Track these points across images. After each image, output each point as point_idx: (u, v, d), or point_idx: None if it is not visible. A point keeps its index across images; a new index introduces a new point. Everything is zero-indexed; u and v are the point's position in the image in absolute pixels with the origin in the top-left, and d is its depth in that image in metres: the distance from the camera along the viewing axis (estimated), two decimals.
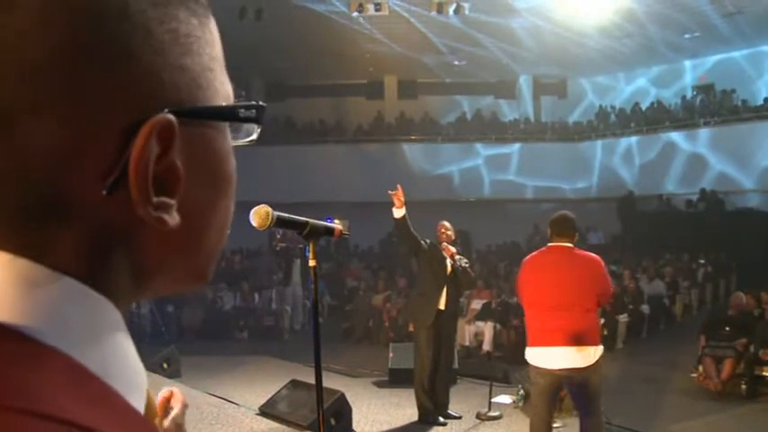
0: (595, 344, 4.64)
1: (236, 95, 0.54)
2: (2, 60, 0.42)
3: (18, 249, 0.43)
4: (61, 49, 0.42)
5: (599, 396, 4.72)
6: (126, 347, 0.48)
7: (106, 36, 0.44)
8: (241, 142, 0.55)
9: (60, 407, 0.39)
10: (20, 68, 0.42)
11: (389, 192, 6.26)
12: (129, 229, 0.46)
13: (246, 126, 0.54)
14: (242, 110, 0.52)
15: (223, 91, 0.52)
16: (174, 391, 1.33)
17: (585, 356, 4.58)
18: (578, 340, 4.56)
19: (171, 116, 0.45)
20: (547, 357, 4.66)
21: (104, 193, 0.44)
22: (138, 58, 0.45)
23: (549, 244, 4.88)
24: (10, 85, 0.42)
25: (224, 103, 0.52)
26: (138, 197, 0.44)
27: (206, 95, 0.50)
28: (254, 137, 0.55)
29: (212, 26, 0.52)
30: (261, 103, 0.53)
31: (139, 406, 0.47)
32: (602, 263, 4.80)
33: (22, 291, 0.43)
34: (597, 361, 4.62)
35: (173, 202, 0.46)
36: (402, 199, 6.24)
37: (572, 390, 4.71)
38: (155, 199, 0.45)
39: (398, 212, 6.32)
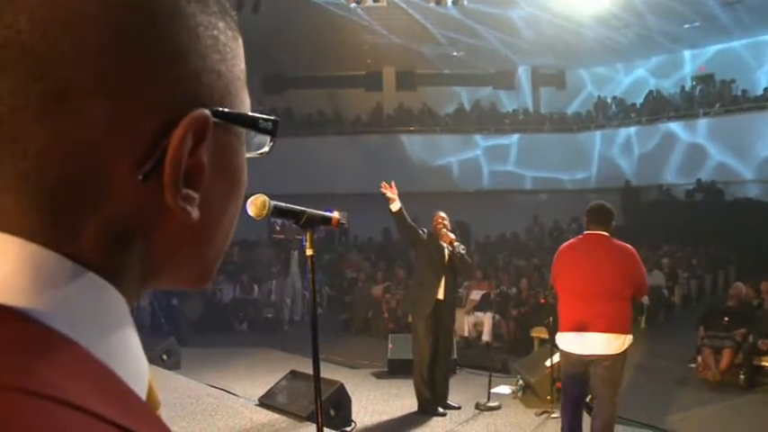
0: (627, 332, 4.71)
1: (252, 110, 0.56)
2: (65, 38, 0.43)
3: (35, 233, 0.44)
4: (120, 37, 0.44)
5: (619, 384, 4.78)
6: (131, 338, 0.49)
7: (159, 33, 0.46)
8: (252, 154, 0.57)
9: (67, 390, 0.39)
10: (81, 49, 0.43)
11: (382, 189, 6.30)
12: (149, 221, 0.47)
13: (258, 140, 0.56)
14: (261, 121, 0.54)
15: (247, 103, 0.55)
16: None
17: (617, 344, 4.65)
18: (612, 328, 4.63)
19: (209, 113, 0.47)
20: (579, 343, 4.71)
21: (140, 178, 0.45)
22: (185, 58, 0.47)
23: (586, 232, 4.93)
24: (68, 62, 0.43)
25: (250, 113, 0.55)
26: (170, 186, 0.46)
27: (234, 103, 0.52)
28: (267, 149, 0.58)
29: (241, 43, 0.55)
30: (276, 118, 0.56)
31: (142, 395, 0.48)
32: (637, 254, 4.85)
33: (32, 277, 0.43)
34: (625, 350, 4.70)
35: (197, 195, 0.48)
36: (395, 192, 6.29)
37: (594, 374, 4.74)
38: (183, 190, 0.47)
39: (395, 206, 6.40)
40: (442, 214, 6.89)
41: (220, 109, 0.49)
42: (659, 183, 19.14)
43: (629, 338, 4.72)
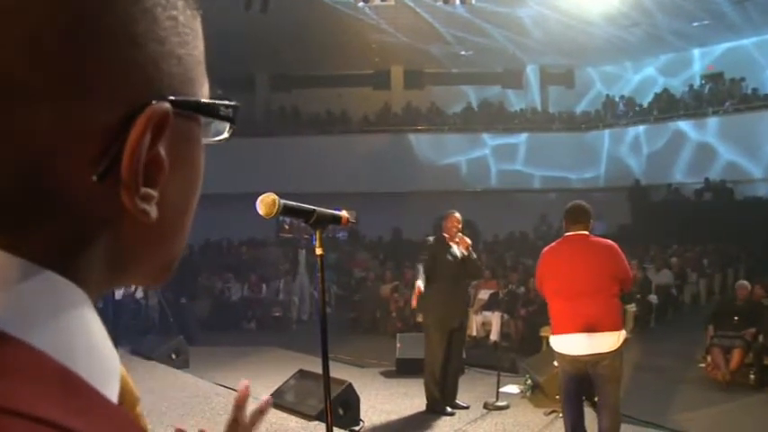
0: (618, 329, 4.73)
1: (213, 93, 0.53)
2: (8, 27, 0.40)
3: None
4: (73, 24, 0.41)
5: (619, 381, 4.80)
6: (96, 336, 0.46)
7: (116, 17, 0.42)
8: (209, 141, 0.54)
9: (13, 397, 0.37)
10: (27, 39, 0.40)
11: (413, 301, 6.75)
12: (109, 221, 0.45)
13: (215, 125, 0.53)
14: (222, 108, 0.51)
15: (206, 86, 0.51)
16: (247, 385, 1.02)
17: (610, 342, 4.66)
18: (603, 326, 4.64)
19: (168, 105, 0.44)
20: (573, 344, 4.73)
21: (94, 179, 0.42)
22: (143, 45, 0.44)
23: (566, 234, 4.96)
24: (13, 54, 0.40)
25: (210, 99, 0.51)
26: (128, 186, 0.43)
27: (194, 88, 0.49)
28: (226, 135, 0.54)
29: (200, 21, 0.51)
30: (235, 102, 0.52)
31: (111, 392, 0.45)
32: (618, 248, 4.87)
33: None
34: (621, 345, 4.71)
35: (155, 193, 0.45)
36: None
37: (595, 374, 4.77)
38: (142, 189, 0.44)
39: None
40: (458, 216, 6.74)
41: (180, 99, 0.46)
42: (668, 182, 19.07)
43: (622, 334, 4.75)
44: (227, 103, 0.51)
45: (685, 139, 18.83)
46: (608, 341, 4.65)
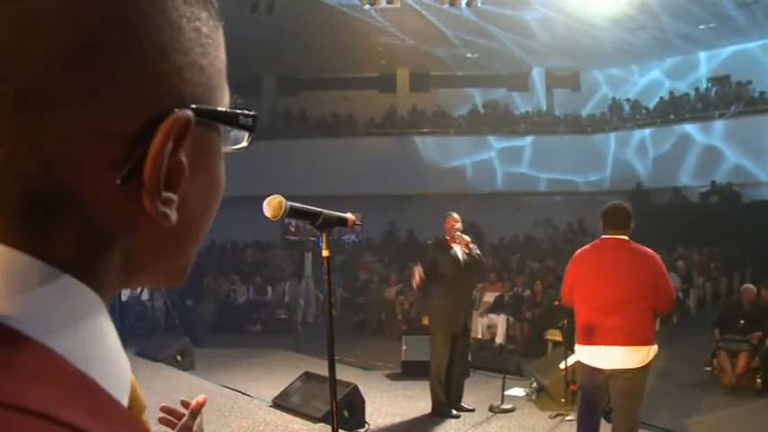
0: (651, 343, 4.40)
1: (233, 102, 0.54)
2: (37, 34, 0.41)
3: (6, 235, 0.42)
4: (99, 33, 0.42)
5: (642, 396, 4.52)
6: (109, 341, 0.47)
7: (142, 27, 0.44)
8: (228, 149, 0.55)
9: (26, 396, 0.38)
10: (55, 46, 0.41)
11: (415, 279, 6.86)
12: (127, 224, 0.46)
13: (235, 134, 0.54)
14: (241, 117, 0.52)
15: (227, 95, 0.53)
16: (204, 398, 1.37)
17: (639, 357, 4.38)
18: (635, 340, 4.35)
19: (191, 113, 0.45)
20: (600, 357, 4.45)
21: (118, 182, 0.43)
22: (167, 54, 0.45)
23: (603, 236, 4.60)
24: (41, 60, 0.41)
25: (230, 108, 0.52)
26: (150, 190, 0.44)
27: (215, 98, 0.50)
28: (245, 144, 0.55)
29: (222, 32, 0.52)
30: (255, 113, 0.53)
31: (122, 398, 0.46)
32: (660, 259, 4.54)
33: (1, 279, 0.42)
34: (650, 361, 4.42)
35: (176, 198, 0.46)
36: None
37: (614, 386, 4.48)
38: (163, 194, 0.45)
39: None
40: (456, 216, 6.76)
41: (202, 107, 0.47)
42: (674, 185, 19.01)
43: (653, 349, 4.40)
44: (246, 112, 0.52)
45: (691, 142, 18.79)
46: (635, 357, 4.36)
